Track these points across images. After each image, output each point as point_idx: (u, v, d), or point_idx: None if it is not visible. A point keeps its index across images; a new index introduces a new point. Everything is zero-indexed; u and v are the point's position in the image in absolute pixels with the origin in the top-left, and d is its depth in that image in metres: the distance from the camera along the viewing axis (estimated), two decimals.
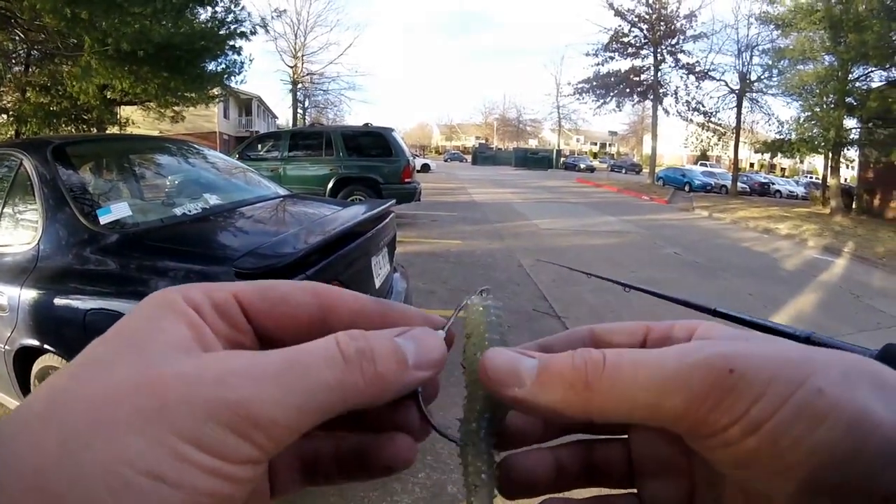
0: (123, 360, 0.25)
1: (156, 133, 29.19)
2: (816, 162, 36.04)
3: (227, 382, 0.24)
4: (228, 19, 13.39)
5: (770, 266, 10.07)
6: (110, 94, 12.32)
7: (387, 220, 3.46)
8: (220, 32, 13.37)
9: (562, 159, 62.16)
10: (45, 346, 2.54)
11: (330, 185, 11.19)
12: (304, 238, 2.55)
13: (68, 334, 2.47)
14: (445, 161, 67.35)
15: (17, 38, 11.75)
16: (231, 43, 13.72)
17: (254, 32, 14.28)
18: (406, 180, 11.38)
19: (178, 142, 4.52)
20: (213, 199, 3.30)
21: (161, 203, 3.44)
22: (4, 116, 13.01)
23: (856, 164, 23.50)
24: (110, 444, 0.22)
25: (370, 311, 0.33)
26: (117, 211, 2.79)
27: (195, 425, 0.23)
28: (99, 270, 2.50)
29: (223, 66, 15.32)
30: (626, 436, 0.36)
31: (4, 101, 12.85)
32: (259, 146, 12.28)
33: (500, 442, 0.34)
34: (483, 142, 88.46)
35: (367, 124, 12.35)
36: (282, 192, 4.10)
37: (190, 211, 3.04)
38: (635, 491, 0.35)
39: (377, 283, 3.13)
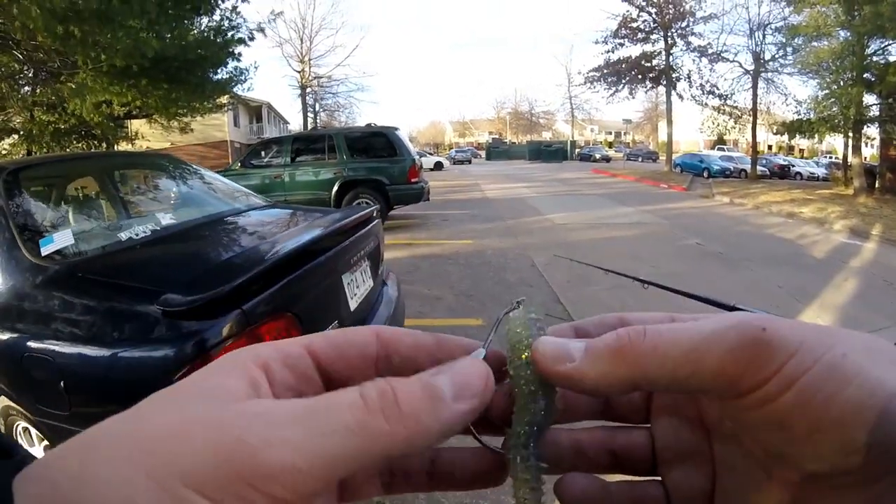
0: (163, 409, 0.26)
1: (167, 145, 29.53)
2: (835, 142, 35.38)
3: (247, 427, 0.25)
4: (224, 26, 13.26)
5: (796, 253, 9.61)
6: (109, 109, 12.21)
7: (365, 229, 3.12)
8: (217, 40, 13.23)
9: (576, 150, 61.63)
10: None
11: (335, 189, 10.96)
12: (245, 264, 2.22)
13: (8, 378, 2.26)
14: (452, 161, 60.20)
15: (20, 59, 11.71)
16: (230, 50, 13.58)
17: (252, 38, 14.12)
18: (413, 180, 11.11)
19: (151, 155, 4.25)
20: (166, 219, 2.97)
21: (107, 227, 3.11)
22: (15, 136, 13.13)
23: (877, 142, 22.81)
24: (119, 487, 0.23)
25: (427, 345, 0.34)
26: (60, 240, 2.50)
27: (207, 473, 0.23)
28: (34, 308, 2.22)
29: (228, 74, 15.29)
30: (648, 425, 0.37)
31: (14, 122, 12.92)
32: (262, 153, 12.02)
33: (543, 454, 0.34)
34: (496, 136, 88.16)
35: (370, 124, 12.10)
36: (257, 202, 3.79)
37: (137, 234, 2.72)
38: (660, 479, 0.36)
39: (353, 305, 2.79)
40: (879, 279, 7.75)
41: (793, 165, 36.65)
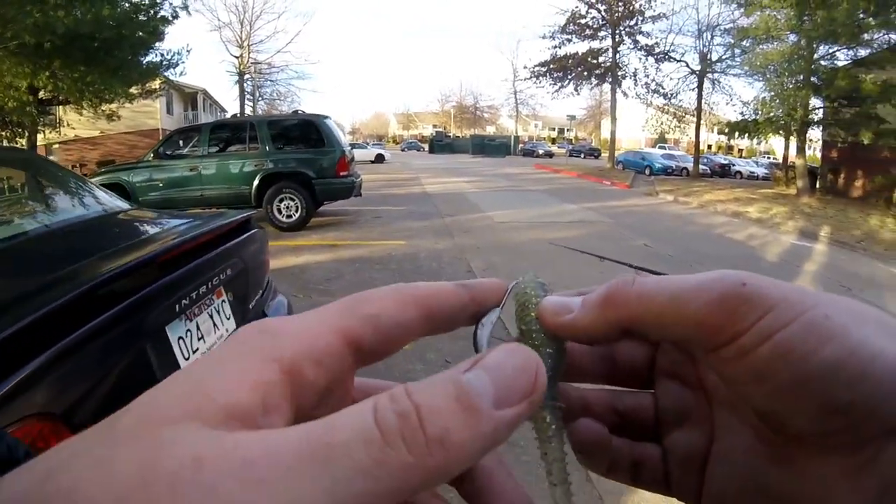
0: (129, 445, 0.19)
1: (96, 133, 28.00)
2: (775, 143, 36.01)
3: (225, 485, 0.18)
4: (146, 3, 12.31)
5: (749, 256, 9.22)
6: (26, 94, 11.16)
7: (219, 249, 2.19)
8: (137, 18, 12.24)
9: (520, 145, 61.46)
10: None
11: (255, 183, 10.00)
12: None
13: None
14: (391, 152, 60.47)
15: None
16: (151, 28, 12.64)
17: (175, 16, 13.21)
18: (342, 173, 10.21)
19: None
20: None
21: None
22: None
23: (818, 144, 23.36)
24: None
25: (465, 303, 0.32)
26: None
27: None
28: None
29: (158, 57, 14.42)
30: (651, 391, 0.38)
31: None
32: (180, 142, 10.81)
33: (559, 396, 0.35)
34: (440, 130, 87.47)
35: (296, 111, 11.21)
36: (103, 209, 2.80)
37: None
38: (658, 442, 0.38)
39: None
40: (836, 283, 7.41)
41: (733, 164, 37.35)
